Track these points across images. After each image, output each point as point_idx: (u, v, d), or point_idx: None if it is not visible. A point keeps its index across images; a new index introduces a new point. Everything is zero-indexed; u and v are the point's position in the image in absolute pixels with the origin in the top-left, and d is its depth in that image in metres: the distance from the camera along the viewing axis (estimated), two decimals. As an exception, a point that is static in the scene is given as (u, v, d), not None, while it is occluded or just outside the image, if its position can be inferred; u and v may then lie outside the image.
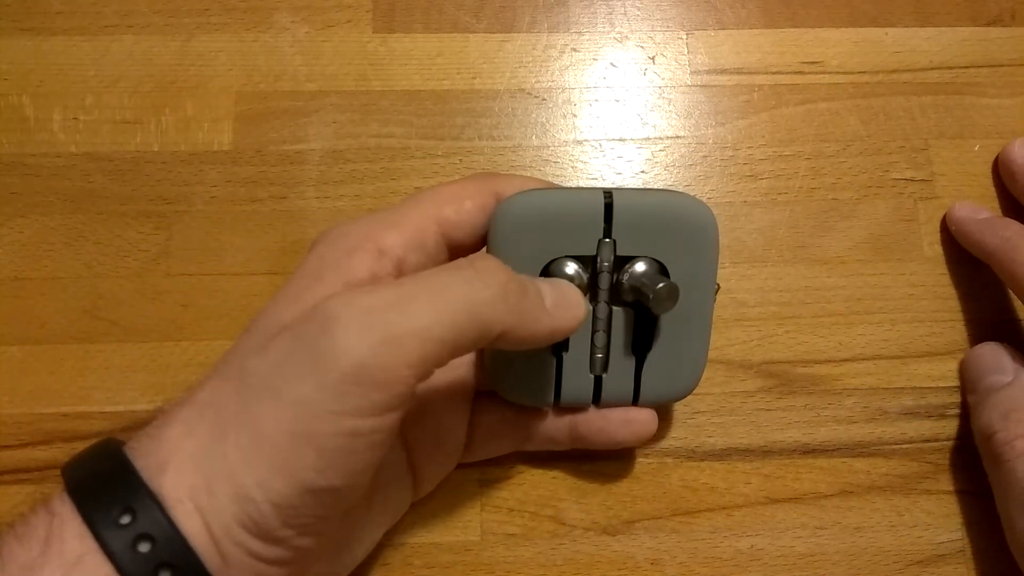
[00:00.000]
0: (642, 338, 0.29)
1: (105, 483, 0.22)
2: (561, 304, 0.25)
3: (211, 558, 0.21)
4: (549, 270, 0.27)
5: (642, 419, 0.30)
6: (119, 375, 0.33)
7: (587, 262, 0.28)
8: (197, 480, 0.21)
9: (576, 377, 0.29)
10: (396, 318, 0.21)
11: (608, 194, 0.27)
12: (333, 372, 0.21)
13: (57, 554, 0.21)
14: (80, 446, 0.32)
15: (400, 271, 0.25)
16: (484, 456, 0.31)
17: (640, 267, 0.27)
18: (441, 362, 0.22)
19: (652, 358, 0.29)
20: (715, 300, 0.29)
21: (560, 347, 0.29)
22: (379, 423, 0.22)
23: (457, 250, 0.27)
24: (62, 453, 0.32)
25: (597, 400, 0.30)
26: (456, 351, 0.22)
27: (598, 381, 0.29)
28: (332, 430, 0.21)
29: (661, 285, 0.26)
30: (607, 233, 0.27)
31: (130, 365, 0.33)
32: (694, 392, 0.33)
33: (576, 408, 0.30)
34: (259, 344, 0.23)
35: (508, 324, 0.23)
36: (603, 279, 0.28)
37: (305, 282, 0.25)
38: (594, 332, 0.29)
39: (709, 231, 0.28)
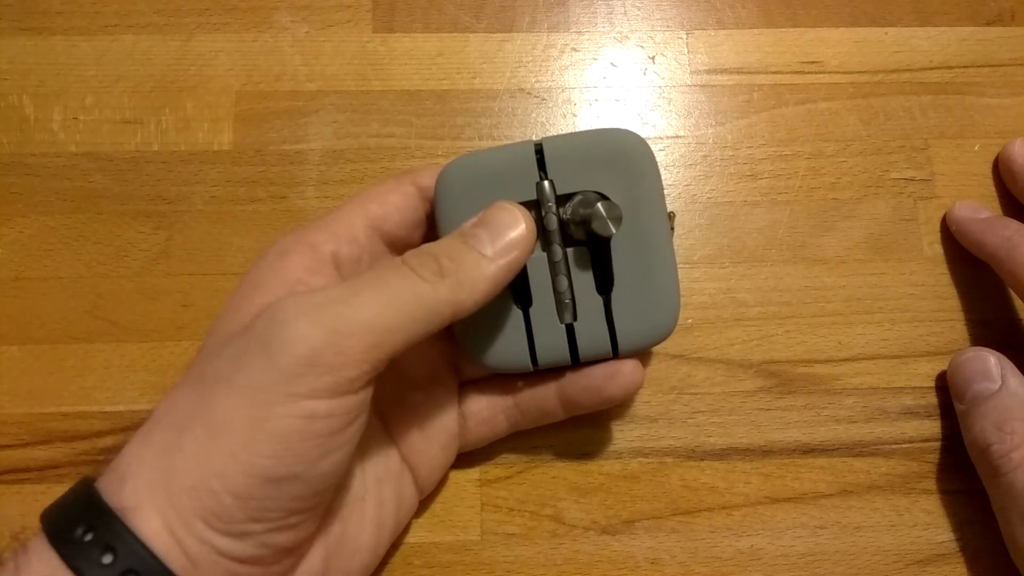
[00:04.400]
0: (603, 275, 0.29)
1: (69, 508, 0.22)
2: (500, 237, 0.25)
3: (176, 559, 0.21)
4: None
5: (626, 370, 0.29)
6: (119, 375, 0.33)
7: (532, 207, 0.28)
8: (156, 483, 0.22)
9: (548, 330, 0.29)
10: (345, 310, 0.22)
11: (539, 143, 0.28)
12: (285, 356, 0.22)
13: None
14: (80, 446, 0.32)
15: (337, 262, 0.27)
16: (482, 443, 0.31)
17: (579, 197, 0.28)
18: (395, 349, 0.23)
19: (621, 297, 0.28)
20: (673, 231, 0.29)
21: (524, 300, 0.29)
22: (335, 406, 0.22)
23: (392, 244, 0.29)
24: (62, 453, 0.32)
25: (575, 354, 0.29)
26: (410, 338, 0.23)
27: (571, 331, 0.29)
28: (286, 412, 0.22)
29: (599, 204, 0.26)
30: (543, 177, 0.28)
31: (130, 365, 0.33)
32: (693, 392, 0.33)
33: (557, 369, 0.30)
34: (213, 352, 0.24)
35: (456, 299, 0.24)
36: (549, 220, 0.28)
37: (245, 291, 0.26)
38: (555, 277, 0.28)
39: (643, 158, 0.28)
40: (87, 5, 0.37)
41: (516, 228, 0.25)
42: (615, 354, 0.29)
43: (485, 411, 0.30)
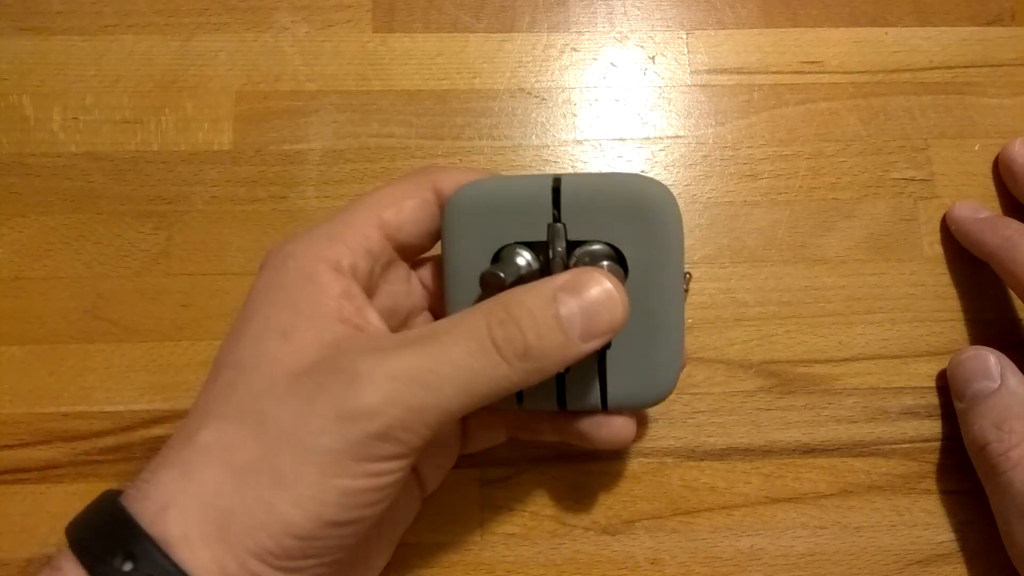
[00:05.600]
0: None
1: (104, 533, 0.22)
2: (594, 322, 0.23)
3: None
4: (500, 257, 0.26)
5: (616, 424, 0.28)
6: (119, 375, 0.33)
7: (541, 249, 0.26)
8: (207, 518, 0.21)
9: None
10: (420, 392, 0.22)
11: (557, 179, 0.26)
12: (358, 430, 0.22)
13: None
14: (80, 446, 0.32)
15: (356, 277, 0.26)
16: (482, 447, 0.31)
17: (590, 248, 0.26)
18: (455, 420, 0.23)
19: (619, 354, 0.27)
20: (687, 292, 0.27)
21: None
22: (398, 465, 0.23)
23: (404, 250, 0.28)
24: (62, 453, 0.32)
25: (563, 403, 0.27)
26: (473, 410, 0.23)
27: (560, 381, 0.27)
28: (354, 474, 0.22)
29: (606, 263, 0.25)
30: (556, 217, 0.26)
31: (130, 365, 0.33)
32: (693, 392, 0.33)
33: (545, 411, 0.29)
34: (269, 389, 0.23)
35: (529, 381, 0.23)
36: (555, 266, 0.26)
37: (285, 315, 0.24)
38: None
39: (667, 213, 0.26)
40: (87, 5, 0.37)
41: (614, 316, 0.23)
42: (604, 408, 0.27)
43: (486, 418, 0.30)
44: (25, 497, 0.32)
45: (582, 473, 0.33)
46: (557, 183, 0.26)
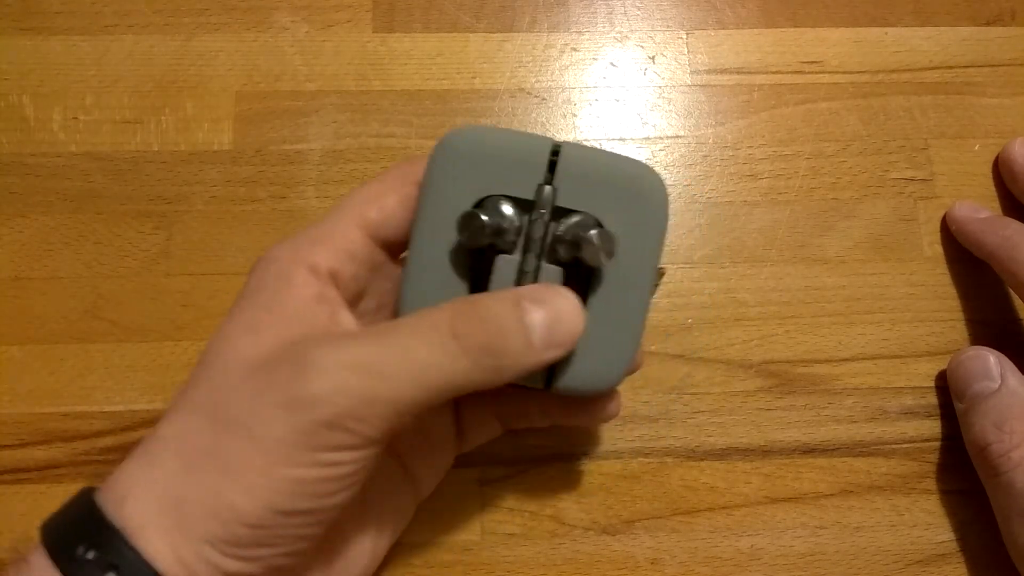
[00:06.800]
0: None
1: (71, 523, 0.22)
2: (553, 333, 0.23)
3: None
4: (483, 205, 0.25)
5: (602, 400, 0.28)
6: (119, 375, 0.33)
7: (525, 207, 0.25)
8: (163, 506, 0.22)
9: None
10: (371, 382, 0.22)
11: (558, 145, 0.25)
12: (307, 418, 0.21)
13: None
14: (80, 446, 0.32)
15: (336, 281, 0.25)
16: (478, 443, 0.31)
17: (577, 218, 0.25)
18: (412, 417, 0.23)
19: None
20: (656, 287, 0.26)
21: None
22: (352, 456, 0.22)
23: (391, 247, 0.27)
24: (62, 453, 0.32)
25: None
26: (429, 408, 0.23)
27: None
28: (305, 462, 0.22)
29: (595, 231, 0.24)
30: (548, 180, 0.25)
31: (130, 365, 0.33)
32: (693, 392, 0.33)
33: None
34: (226, 379, 0.23)
35: (487, 381, 0.23)
36: (537, 226, 0.25)
37: (256, 314, 0.25)
38: (516, 286, 0.25)
39: (657, 203, 0.25)
40: (87, 5, 0.37)
41: (574, 328, 0.24)
42: (547, 387, 0.26)
43: (477, 413, 0.30)
44: (25, 497, 0.32)
45: (582, 473, 0.33)
46: (557, 148, 0.25)
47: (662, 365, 0.34)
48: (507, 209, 0.25)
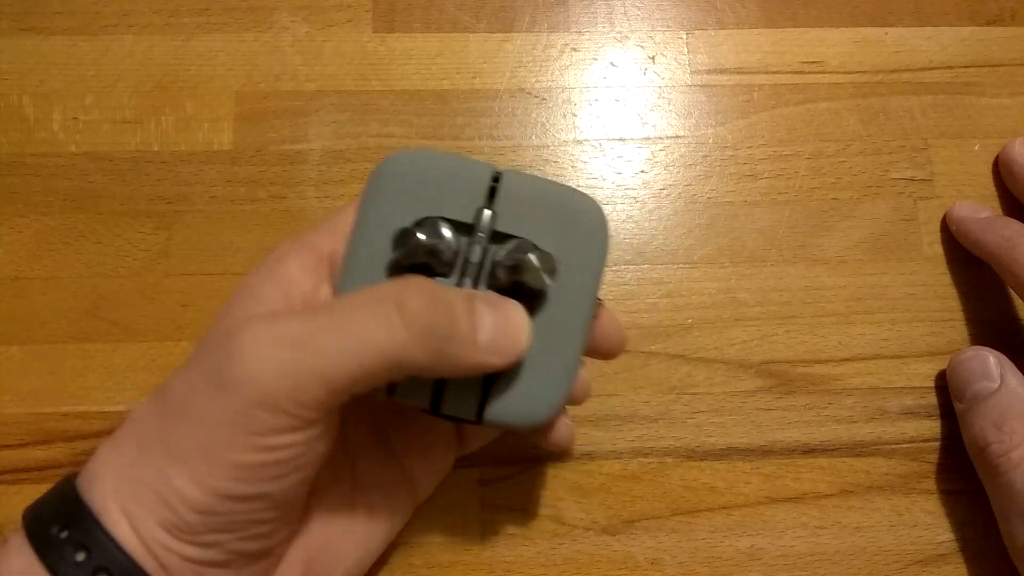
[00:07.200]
0: None
1: (48, 505, 0.23)
2: (499, 337, 0.23)
3: (145, 561, 0.22)
4: (422, 224, 0.25)
5: (559, 430, 0.27)
6: (119, 375, 0.33)
7: (464, 231, 0.25)
8: (120, 489, 0.22)
9: None
10: (300, 355, 0.21)
11: (498, 172, 0.25)
12: (239, 399, 0.21)
13: (4, 573, 0.22)
14: (80, 446, 0.32)
15: (334, 262, 0.25)
16: (479, 446, 0.31)
17: (516, 243, 0.25)
18: (349, 395, 0.22)
19: (505, 371, 0.25)
20: (593, 318, 0.26)
21: None
22: (292, 438, 0.22)
23: None
24: (62, 453, 0.32)
25: (436, 407, 0.25)
26: (376, 383, 0.22)
27: (439, 382, 0.25)
28: (243, 446, 0.21)
29: (534, 252, 0.24)
30: (488, 205, 0.25)
31: (130, 365, 0.33)
32: (694, 392, 0.33)
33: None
34: (184, 366, 0.23)
35: (425, 364, 0.22)
36: (475, 251, 0.25)
37: (239, 296, 0.25)
38: None
39: (597, 231, 0.25)
40: (87, 5, 0.37)
41: (519, 341, 0.23)
42: (478, 420, 0.25)
43: None
44: (25, 497, 0.31)
45: (582, 473, 0.33)
46: (498, 175, 0.25)
47: (662, 365, 0.34)
48: (445, 231, 0.25)
